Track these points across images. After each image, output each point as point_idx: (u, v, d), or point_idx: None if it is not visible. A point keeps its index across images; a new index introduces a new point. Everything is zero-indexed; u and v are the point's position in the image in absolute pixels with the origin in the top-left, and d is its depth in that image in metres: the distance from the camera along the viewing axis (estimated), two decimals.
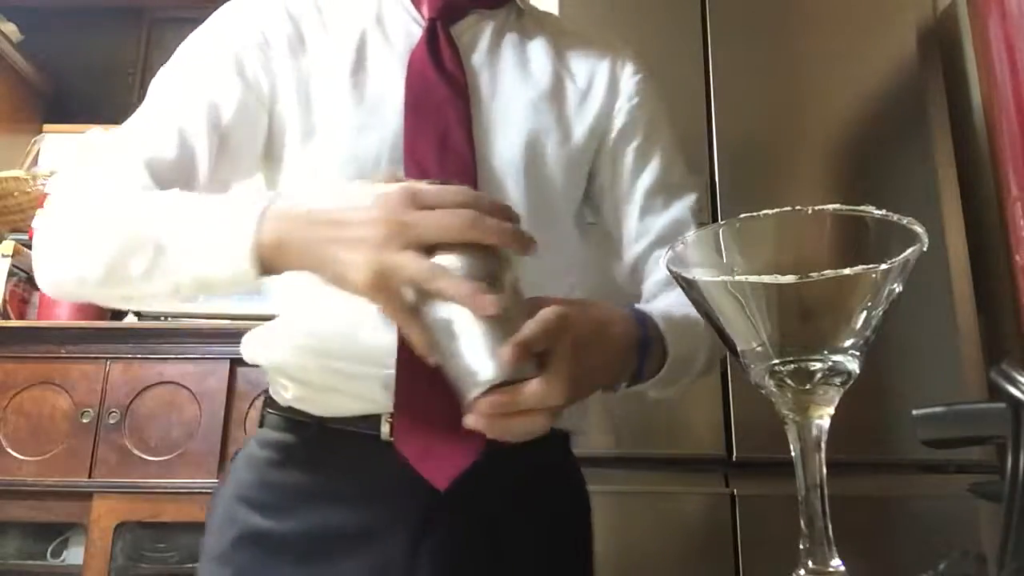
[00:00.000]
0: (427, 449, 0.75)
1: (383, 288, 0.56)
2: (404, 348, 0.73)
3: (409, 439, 0.75)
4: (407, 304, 0.56)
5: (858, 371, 0.41)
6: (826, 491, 0.41)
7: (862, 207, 0.40)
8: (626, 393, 0.77)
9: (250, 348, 0.86)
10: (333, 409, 0.81)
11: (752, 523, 1.33)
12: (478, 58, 0.85)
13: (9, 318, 2.25)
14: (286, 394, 0.82)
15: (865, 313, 0.40)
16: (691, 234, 0.43)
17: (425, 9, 0.85)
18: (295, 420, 0.82)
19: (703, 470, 1.38)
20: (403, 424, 0.75)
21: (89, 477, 2.02)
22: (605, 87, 0.87)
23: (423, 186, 0.58)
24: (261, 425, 0.86)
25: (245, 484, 0.82)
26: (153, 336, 2.11)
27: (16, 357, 2.12)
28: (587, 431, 0.90)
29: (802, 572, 0.40)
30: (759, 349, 0.41)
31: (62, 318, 2.21)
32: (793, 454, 0.42)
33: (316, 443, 0.81)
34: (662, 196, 0.87)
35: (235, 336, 1.01)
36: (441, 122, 0.77)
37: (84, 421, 2.05)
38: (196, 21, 0.88)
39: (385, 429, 0.77)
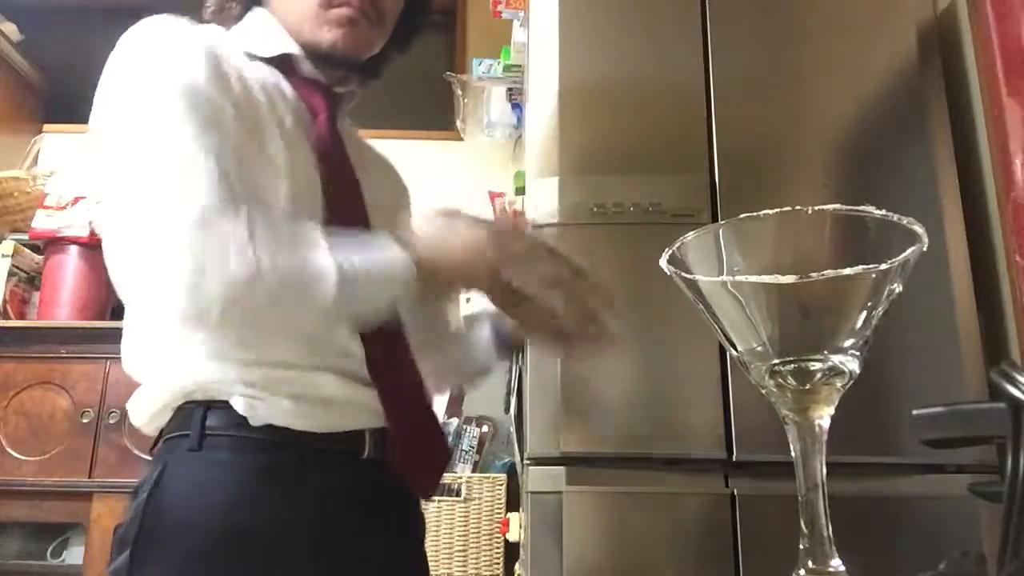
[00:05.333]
0: (415, 466, 0.87)
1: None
2: (390, 368, 0.86)
3: (405, 457, 0.85)
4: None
5: (858, 371, 0.41)
6: (826, 491, 0.41)
7: (862, 207, 0.40)
8: (625, 392, 0.87)
9: (234, 359, 0.80)
10: (324, 425, 0.81)
11: (752, 523, 1.33)
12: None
13: (9, 318, 2.25)
14: (269, 409, 0.79)
15: (865, 313, 0.40)
16: (691, 234, 0.43)
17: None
18: (275, 441, 0.80)
19: (703, 470, 1.38)
20: (400, 441, 0.85)
21: (89, 477, 2.02)
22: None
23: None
24: (200, 447, 0.79)
25: (220, 510, 0.78)
26: None
27: (16, 357, 2.12)
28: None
29: (802, 572, 0.40)
30: (759, 349, 0.41)
31: (62, 318, 2.21)
32: (793, 454, 0.42)
33: (300, 464, 0.81)
34: None
35: None
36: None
37: (84, 421, 2.05)
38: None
39: (368, 447, 0.84)
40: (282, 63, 0.92)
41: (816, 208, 0.40)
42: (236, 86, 0.83)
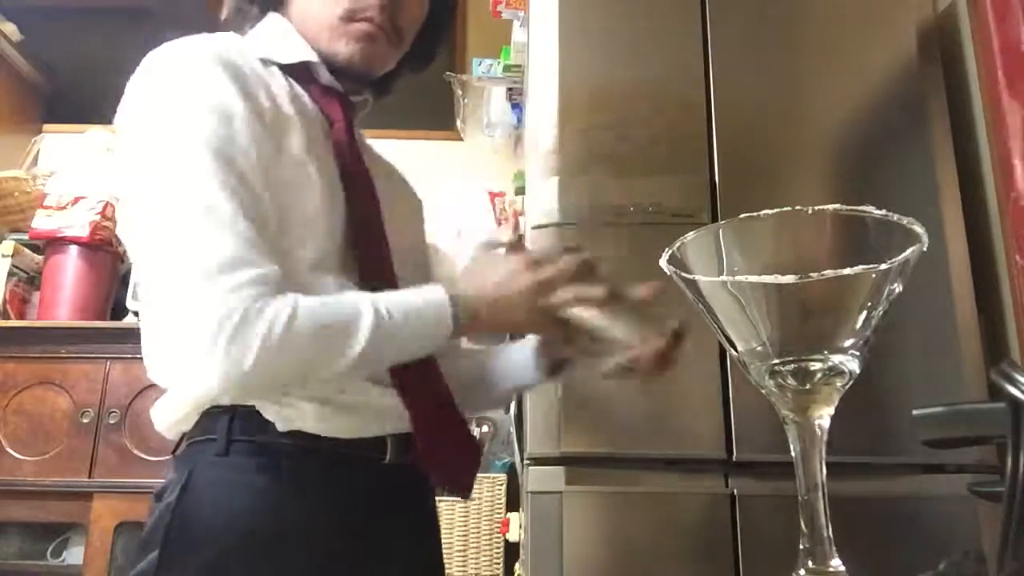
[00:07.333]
0: (445, 466, 0.87)
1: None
2: (412, 371, 0.84)
3: (432, 458, 0.85)
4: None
5: (858, 371, 0.41)
6: (826, 491, 0.41)
7: (862, 207, 0.40)
8: (625, 392, 0.86)
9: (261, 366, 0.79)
10: (349, 431, 0.81)
11: (752, 523, 1.33)
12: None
13: (9, 318, 2.25)
14: (296, 415, 0.79)
15: (865, 313, 0.40)
16: (691, 234, 0.43)
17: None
18: (301, 447, 0.80)
19: (703, 470, 1.38)
20: (426, 445, 0.84)
21: (89, 477, 2.02)
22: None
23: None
24: (227, 452, 0.79)
25: (247, 514, 0.78)
26: None
27: (16, 357, 2.12)
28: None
29: (802, 572, 0.40)
30: (759, 349, 0.41)
31: (62, 318, 2.21)
32: (793, 454, 0.42)
33: (326, 471, 0.81)
34: None
35: None
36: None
37: (84, 421, 2.05)
38: (196, 20, 0.88)
39: (390, 452, 0.84)
40: (300, 70, 0.92)
41: (816, 208, 0.40)
42: (265, 102, 0.83)
